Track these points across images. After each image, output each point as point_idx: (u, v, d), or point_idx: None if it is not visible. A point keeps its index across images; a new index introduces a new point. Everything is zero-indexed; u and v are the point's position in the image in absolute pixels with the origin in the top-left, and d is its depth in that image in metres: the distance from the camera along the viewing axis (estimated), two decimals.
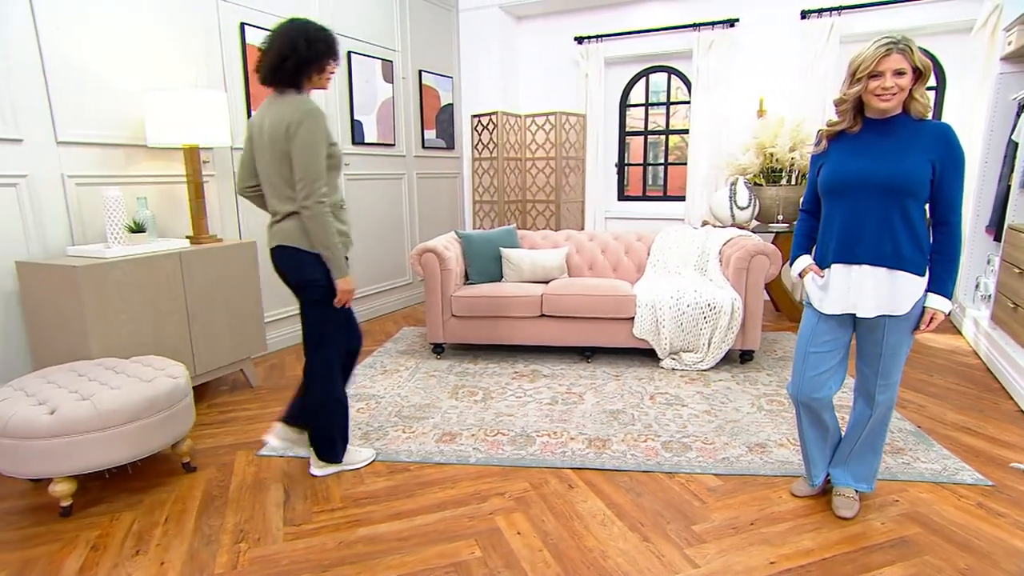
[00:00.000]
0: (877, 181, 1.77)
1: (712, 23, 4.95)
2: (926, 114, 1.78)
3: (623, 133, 5.79)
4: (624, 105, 5.73)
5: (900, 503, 2.11)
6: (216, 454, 2.56)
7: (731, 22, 4.91)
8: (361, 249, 4.66)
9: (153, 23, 3.12)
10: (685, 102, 5.48)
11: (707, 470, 2.35)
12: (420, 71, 5.16)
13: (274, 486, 2.30)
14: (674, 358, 3.54)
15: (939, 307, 1.80)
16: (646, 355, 3.71)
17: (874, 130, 1.81)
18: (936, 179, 1.75)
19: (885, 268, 1.80)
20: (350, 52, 4.39)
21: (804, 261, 2.03)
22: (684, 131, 5.53)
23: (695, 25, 5.03)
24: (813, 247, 2.04)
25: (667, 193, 5.80)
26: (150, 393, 2.18)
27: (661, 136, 5.74)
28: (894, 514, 2.05)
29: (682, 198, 5.49)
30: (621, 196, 5.90)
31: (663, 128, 5.70)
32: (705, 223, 4.67)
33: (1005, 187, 3.69)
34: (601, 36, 5.41)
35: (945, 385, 3.22)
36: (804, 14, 4.70)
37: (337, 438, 2.34)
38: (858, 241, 1.82)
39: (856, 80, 1.75)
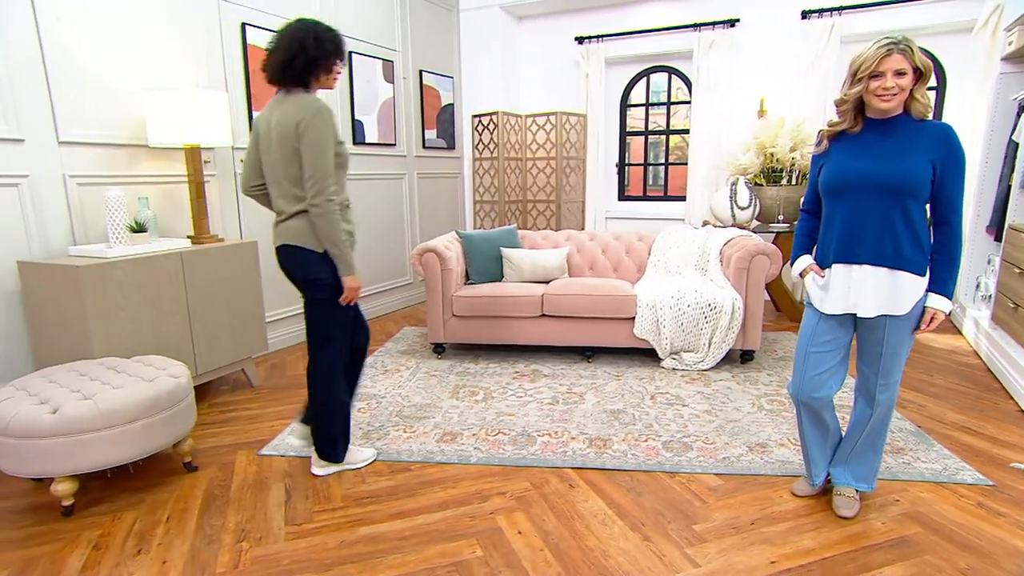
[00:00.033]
0: (878, 181, 1.77)
1: (713, 23, 4.95)
2: (927, 114, 1.78)
3: (624, 133, 5.79)
4: (625, 105, 5.74)
5: (900, 503, 2.11)
6: (217, 453, 2.57)
7: (732, 22, 4.91)
8: (362, 249, 4.64)
9: (154, 23, 3.12)
10: (686, 102, 5.48)
11: (708, 470, 2.35)
12: (421, 71, 5.17)
13: (275, 485, 2.30)
14: (675, 358, 3.54)
15: (940, 307, 1.81)
16: (647, 355, 3.72)
17: (875, 130, 1.81)
18: (937, 179, 1.76)
19: (886, 268, 1.80)
20: (351, 52, 4.39)
21: (805, 261, 2.03)
22: (685, 131, 5.53)
23: (696, 25, 5.03)
24: (814, 247, 2.05)
25: (668, 193, 5.80)
26: (152, 393, 2.18)
27: (662, 136, 5.74)
28: (895, 514, 2.05)
29: (683, 198, 5.49)
30: (622, 196, 5.90)
31: (664, 128, 5.70)
32: (706, 223, 4.67)
33: (1005, 187, 3.69)
34: (602, 36, 5.41)
35: (945, 385, 3.22)
36: (805, 14, 4.70)
37: (338, 437, 2.34)
38: (859, 241, 1.83)
39: (857, 80, 1.76)
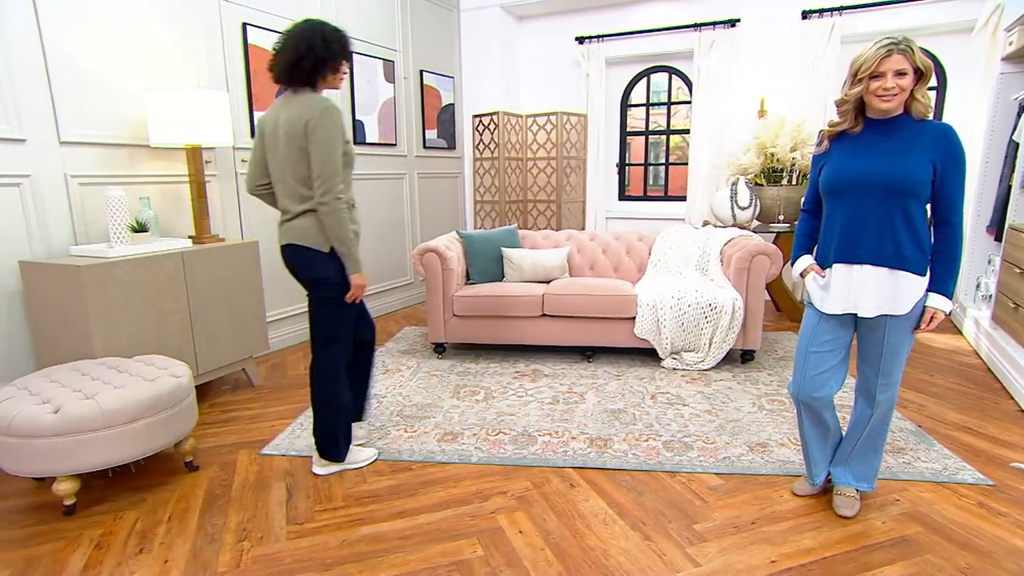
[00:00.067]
0: (878, 181, 1.77)
1: (713, 23, 4.96)
2: (927, 114, 1.79)
3: (624, 133, 5.79)
4: (625, 105, 5.74)
5: (901, 502, 2.12)
6: (218, 453, 2.57)
7: (732, 22, 4.91)
8: (362, 249, 4.55)
9: (156, 23, 3.13)
10: (686, 102, 5.48)
11: (708, 469, 2.35)
12: (421, 71, 5.17)
13: (276, 485, 2.31)
14: (675, 358, 3.54)
15: (940, 306, 1.81)
16: (647, 355, 3.72)
17: (875, 130, 1.82)
18: (937, 179, 1.76)
19: (886, 268, 1.81)
20: (351, 52, 4.39)
21: (805, 261, 2.03)
22: (685, 131, 5.53)
23: (696, 25, 5.03)
24: (814, 247, 2.05)
25: (668, 193, 5.80)
26: (153, 392, 2.19)
27: (662, 136, 5.74)
28: (895, 513, 2.05)
29: (683, 198, 5.49)
30: (622, 196, 5.91)
31: (664, 128, 5.70)
32: (706, 223, 4.67)
33: (1006, 187, 3.69)
34: (602, 36, 5.41)
35: (946, 385, 3.22)
36: (805, 14, 4.70)
37: (340, 437, 2.35)
38: (859, 241, 1.83)
39: (857, 81, 1.76)
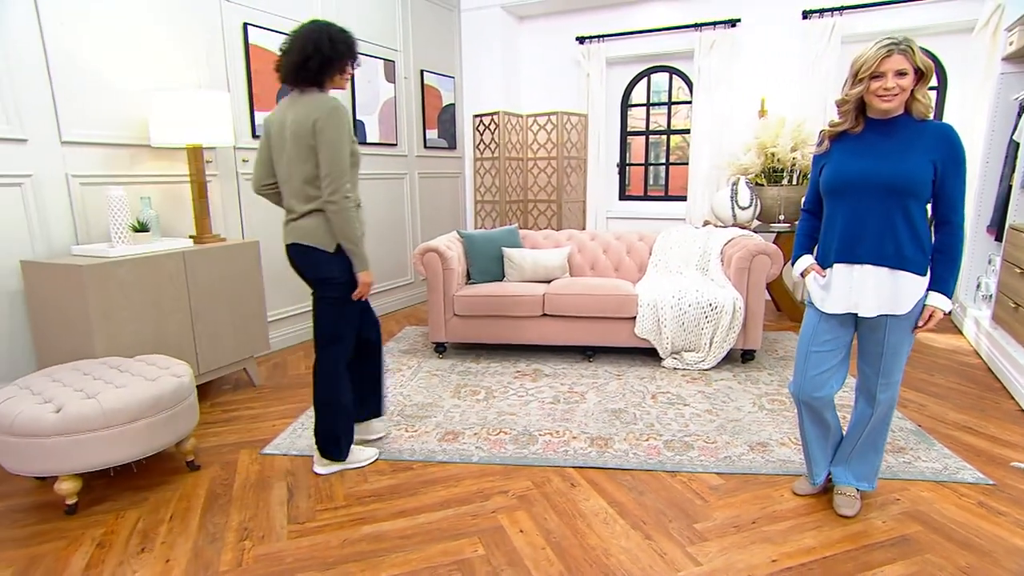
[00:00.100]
0: (879, 181, 1.77)
1: (714, 23, 4.96)
2: (928, 114, 1.79)
3: (624, 133, 5.79)
4: (625, 105, 5.74)
5: (901, 502, 2.12)
6: (220, 453, 2.58)
7: (732, 22, 4.92)
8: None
9: (157, 23, 3.13)
10: (686, 102, 5.48)
11: (709, 469, 2.35)
12: (422, 71, 5.17)
13: (278, 484, 2.31)
14: (676, 357, 3.54)
15: (939, 305, 1.81)
16: (648, 354, 3.72)
17: (876, 130, 1.82)
18: (938, 179, 1.76)
19: (887, 268, 1.81)
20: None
21: (806, 261, 2.04)
22: (685, 131, 5.53)
23: (696, 25, 5.03)
24: (815, 247, 2.05)
25: (668, 193, 5.81)
26: (155, 392, 2.19)
27: (662, 136, 5.74)
28: (895, 513, 2.05)
29: (683, 198, 5.50)
30: (623, 196, 5.91)
31: (664, 128, 5.70)
32: (707, 223, 4.67)
33: (1006, 187, 3.70)
34: (603, 36, 5.42)
35: (946, 385, 3.23)
36: (805, 14, 4.70)
37: (341, 436, 2.35)
38: (860, 241, 1.83)
39: (858, 81, 1.76)
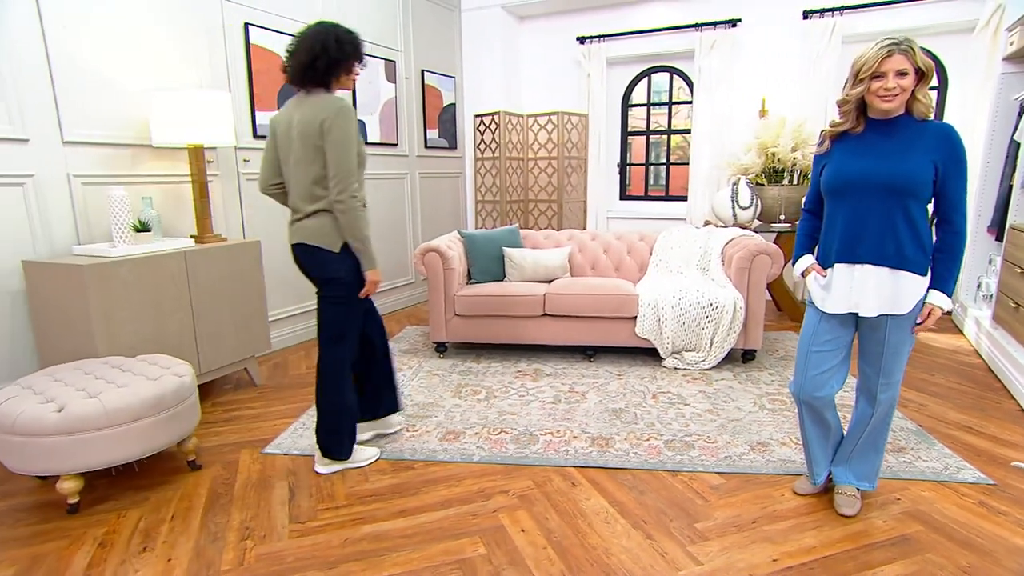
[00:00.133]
0: (880, 181, 1.78)
1: (714, 23, 4.96)
2: (928, 114, 1.79)
3: (625, 133, 5.80)
4: (626, 105, 5.74)
5: (902, 501, 2.12)
6: (221, 452, 2.58)
7: (733, 22, 4.92)
8: None
9: (158, 23, 3.14)
10: (687, 102, 5.48)
11: (709, 468, 2.36)
12: (423, 71, 5.17)
13: (279, 484, 2.31)
14: (676, 357, 3.55)
15: (939, 303, 1.81)
16: (648, 354, 3.72)
17: (877, 130, 1.82)
18: (939, 179, 1.76)
19: (888, 268, 1.81)
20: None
21: (806, 261, 2.04)
22: (686, 131, 5.53)
23: (697, 25, 5.03)
24: (815, 247, 2.05)
25: (669, 193, 5.81)
26: (156, 391, 2.19)
27: (663, 136, 5.75)
28: (896, 512, 2.06)
29: (684, 198, 5.50)
30: (623, 196, 5.91)
31: (665, 128, 5.70)
32: (707, 223, 4.67)
33: (1007, 187, 3.70)
34: (603, 36, 5.42)
35: (947, 384, 3.23)
36: (806, 14, 4.70)
37: (344, 436, 2.36)
38: (860, 241, 1.83)
39: (859, 81, 1.76)
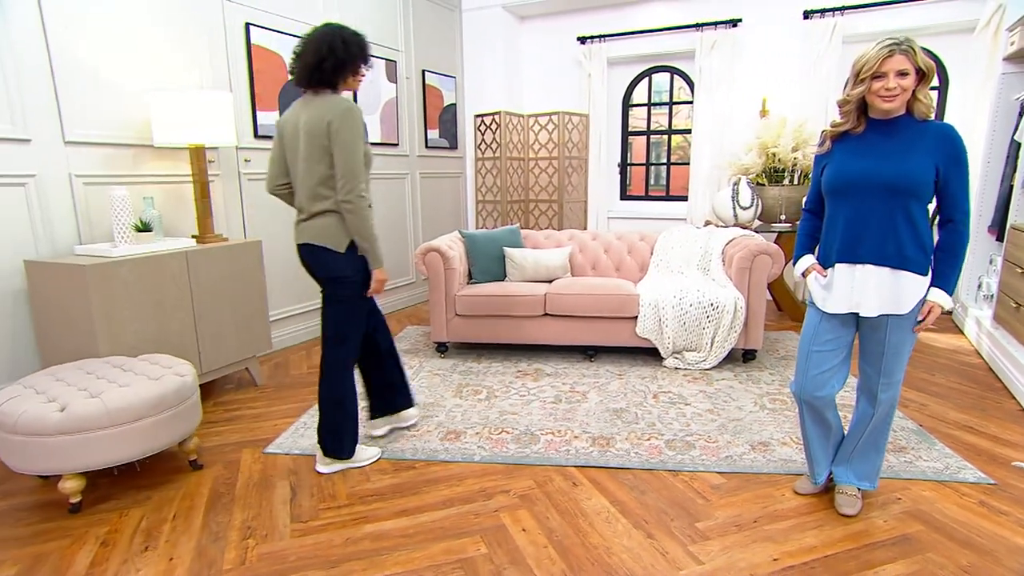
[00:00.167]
0: (881, 181, 1.78)
1: (715, 23, 4.96)
2: (929, 114, 1.79)
3: (626, 133, 5.80)
4: (627, 105, 5.74)
5: (902, 501, 2.12)
6: (222, 452, 2.58)
7: (734, 22, 4.92)
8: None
9: (159, 24, 3.14)
10: (688, 102, 5.48)
11: (710, 468, 2.36)
12: (423, 71, 5.18)
13: (280, 483, 2.32)
14: (677, 357, 3.55)
15: (939, 300, 1.82)
16: (649, 354, 3.73)
17: (878, 131, 1.82)
18: (941, 180, 1.77)
19: (888, 268, 1.81)
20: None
21: (807, 261, 2.04)
22: (687, 131, 5.54)
23: (698, 25, 5.03)
24: (816, 247, 2.06)
25: (670, 193, 5.81)
26: (158, 391, 2.20)
27: (664, 136, 5.75)
28: (896, 512, 2.06)
29: (685, 198, 5.50)
30: (624, 196, 5.91)
31: (666, 128, 5.71)
32: (708, 223, 4.68)
33: (1007, 187, 3.70)
34: (604, 36, 5.42)
35: (947, 384, 3.23)
36: (807, 14, 4.70)
37: (345, 435, 2.36)
38: (861, 241, 1.84)
39: (859, 81, 1.77)
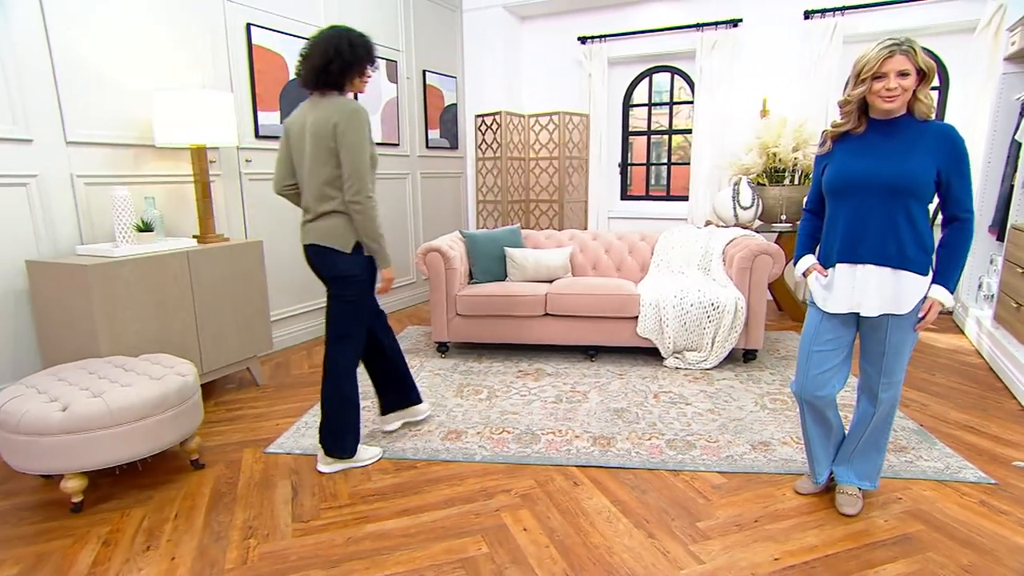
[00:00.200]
0: (881, 182, 1.78)
1: (715, 23, 4.96)
2: (930, 115, 1.79)
3: (626, 133, 5.80)
4: (627, 105, 5.75)
5: (903, 501, 2.12)
6: (224, 451, 2.59)
7: (734, 22, 4.92)
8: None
9: (160, 24, 3.14)
10: (688, 102, 5.49)
11: (711, 468, 2.36)
12: (424, 71, 5.18)
13: (282, 483, 2.32)
14: (678, 357, 3.55)
15: (940, 298, 1.81)
16: (650, 354, 3.73)
17: (878, 131, 1.83)
18: (942, 180, 1.77)
19: (889, 268, 1.81)
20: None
21: (808, 261, 2.04)
22: (687, 131, 5.54)
23: (698, 25, 5.04)
24: (817, 247, 2.06)
25: (670, 193, 5.81)
26: (160, 391, 2.20)
27: (664, 136, 5.75)
28: (897, 511, 2.06)
29: (685, 198, 5.50)
30: (624, 196, 5.91)
31: (666, 128, 5.71)
32: (708, 223, 4.68)
33: (1008, 187, 3.70)
34: (604, 36, 5.42)
35: (948, 384, 3.23)
36: (807, 14, 4.70)
37: (347, 434, 2.37)
38: (862, 241, 1.84)
39: (860, 81, 1.77)
